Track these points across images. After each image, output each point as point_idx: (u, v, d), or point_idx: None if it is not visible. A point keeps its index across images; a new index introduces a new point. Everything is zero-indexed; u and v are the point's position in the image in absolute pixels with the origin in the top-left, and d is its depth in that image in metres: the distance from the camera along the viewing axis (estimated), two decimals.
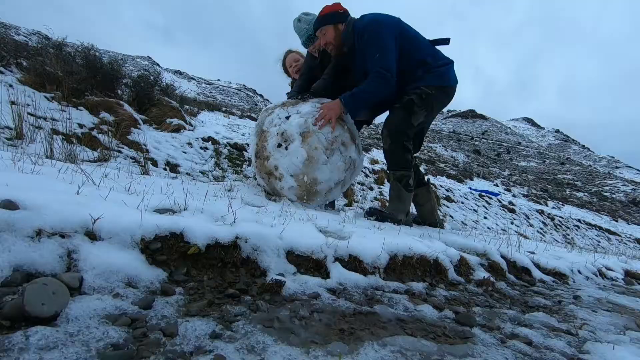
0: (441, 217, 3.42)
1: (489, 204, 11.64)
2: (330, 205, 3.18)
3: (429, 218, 2.97)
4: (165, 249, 1.09)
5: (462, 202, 10.52)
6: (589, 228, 14.43)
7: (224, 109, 15.88)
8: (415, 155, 2.76)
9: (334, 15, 2.47)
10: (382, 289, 1.34)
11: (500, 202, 12.47)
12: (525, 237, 5.53)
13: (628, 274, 2.85)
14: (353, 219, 2.29)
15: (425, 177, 2.95)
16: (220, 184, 2.81)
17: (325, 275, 1.31)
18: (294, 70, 3.24)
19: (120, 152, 4.69)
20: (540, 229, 11.81)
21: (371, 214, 2.59)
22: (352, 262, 1.41)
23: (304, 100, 2.58)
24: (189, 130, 6.79)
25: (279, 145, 2.37)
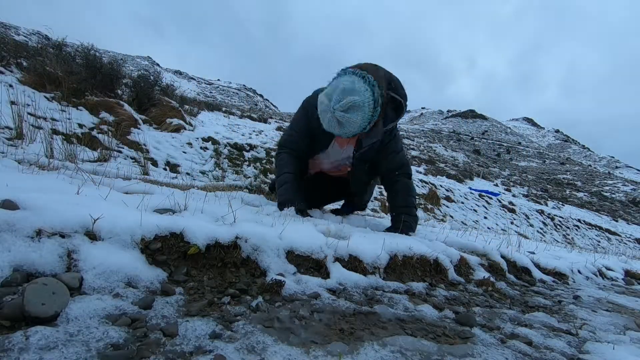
0: (441, 217, 3.22)
1: (489, 204, 11.64)
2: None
3: None
4: (165, 249, 1.09)
5: (462, 202, 10.51)
6: (589, 228, 14.44)
7: (224, 109, 15.89)
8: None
9: None
10: (382, 289, 1.34)
11: (500, 202, 12.47)
12: (525, 237, 5.54)
13: (628, 274, 2.86)
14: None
15: None
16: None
17: (325, 275, 1.31)
18: None
19: (120, 152, 4.69)
20: (540, 229, 11.81)
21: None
22: (352, 262, 1.42)
23: None
24: (189, 130, 6.80)
25: None
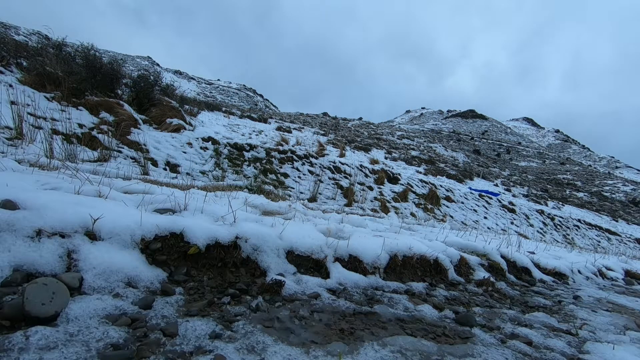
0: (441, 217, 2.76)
1: (489, 204, 11.63)
2: None
3: None
4: (165, 249, 1.09)
5: (462, 202, 10.50)
6: (589, 228, 14.43)
7: (224, 109, 15.89)
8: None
9: None
10: (382, 289, 1.34)
11: (500, 202, 12.46)
12: (525, 237, 5.54)
13: (628, 274, 2.86)
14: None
15: None
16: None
17: (325, 275, 1.31)
18: None
19: (120, 152, 4.69)
20: (540, 229, 11.81)
21: None
22: (352, 262, 1.41)
23: None
24: (189, 130, 6.79)
25: None
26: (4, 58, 5.55)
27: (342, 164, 8.89)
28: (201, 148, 6.40)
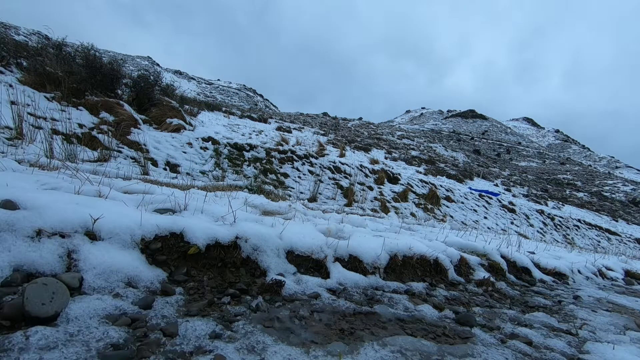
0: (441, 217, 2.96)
1: (489, 204, 11.63)
2: None
3: None
4: (165, 249, 1.09)
5: (462, 202, 10.50)
6: (589, 228, 14.42)
7: (224, 108, 15.90)
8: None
9: None
10: (382, 289, 1.34)
11: (500, 202, 12.46)
12: (525, 237, 5.54)
13: (628, 274, 2.86)
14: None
15: None
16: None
17: (325, 275, 1.31)
18: None
19: (120, 152, 4.69)
20: (541, 229, 11.80)
21: None
22: (352, 262, 1.42)
23: None
24: (189, 130, 6.79)
25: None
26: (4, 58, 5.55)
27: (342, 164, 8.89)
28: (201, 148, 6.40)
